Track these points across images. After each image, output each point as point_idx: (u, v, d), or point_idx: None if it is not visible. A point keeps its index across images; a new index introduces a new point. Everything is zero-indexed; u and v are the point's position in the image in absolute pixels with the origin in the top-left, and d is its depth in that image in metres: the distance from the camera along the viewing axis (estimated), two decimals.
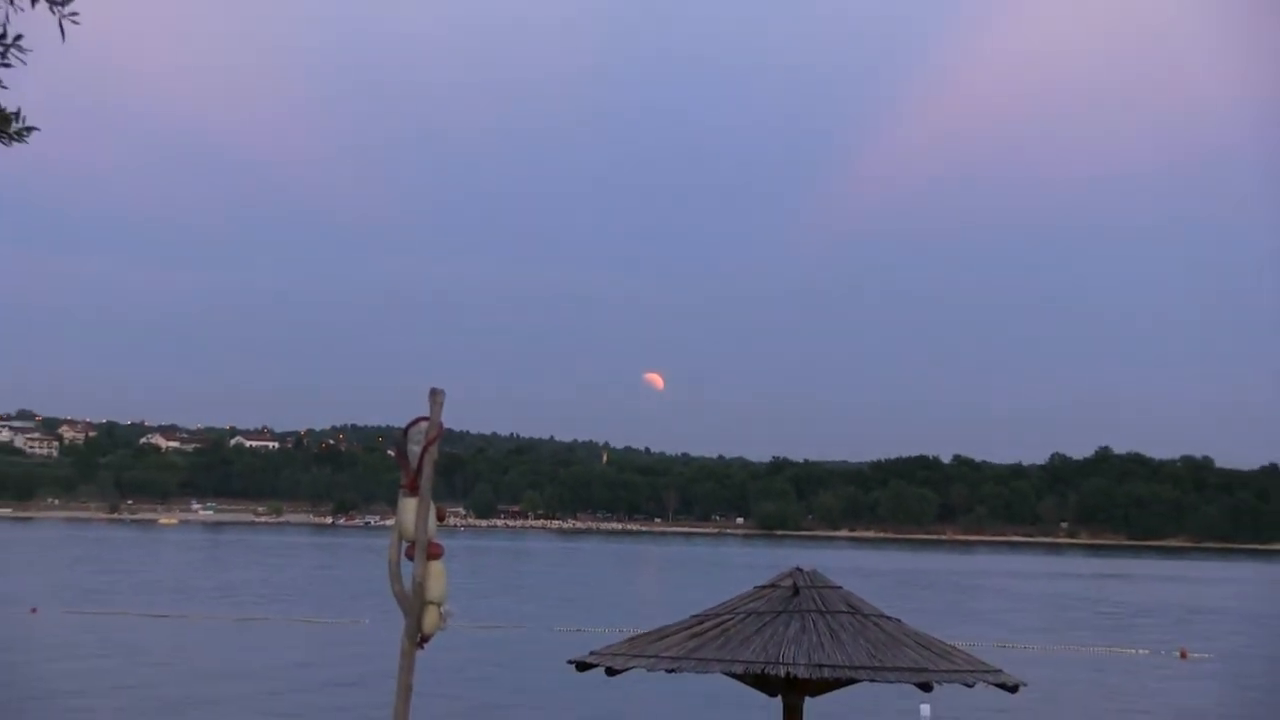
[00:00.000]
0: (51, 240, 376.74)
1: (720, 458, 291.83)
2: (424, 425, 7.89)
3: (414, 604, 7.58)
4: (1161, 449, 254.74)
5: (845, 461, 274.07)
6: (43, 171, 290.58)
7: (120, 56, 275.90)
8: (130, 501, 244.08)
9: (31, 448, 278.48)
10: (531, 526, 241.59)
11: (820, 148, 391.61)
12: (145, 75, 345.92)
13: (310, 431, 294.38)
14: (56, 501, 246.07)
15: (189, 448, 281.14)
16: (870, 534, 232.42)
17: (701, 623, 9.71)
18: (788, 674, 9.04)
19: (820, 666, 9.04)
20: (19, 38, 5.31)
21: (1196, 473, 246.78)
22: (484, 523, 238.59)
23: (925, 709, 30.72)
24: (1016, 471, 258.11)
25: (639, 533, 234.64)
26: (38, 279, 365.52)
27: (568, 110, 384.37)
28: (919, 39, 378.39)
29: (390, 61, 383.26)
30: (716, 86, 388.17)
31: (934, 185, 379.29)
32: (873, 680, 9.26)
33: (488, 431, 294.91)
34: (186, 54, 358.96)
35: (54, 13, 5.28)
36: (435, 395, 7.92)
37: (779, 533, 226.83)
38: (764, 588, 10.06)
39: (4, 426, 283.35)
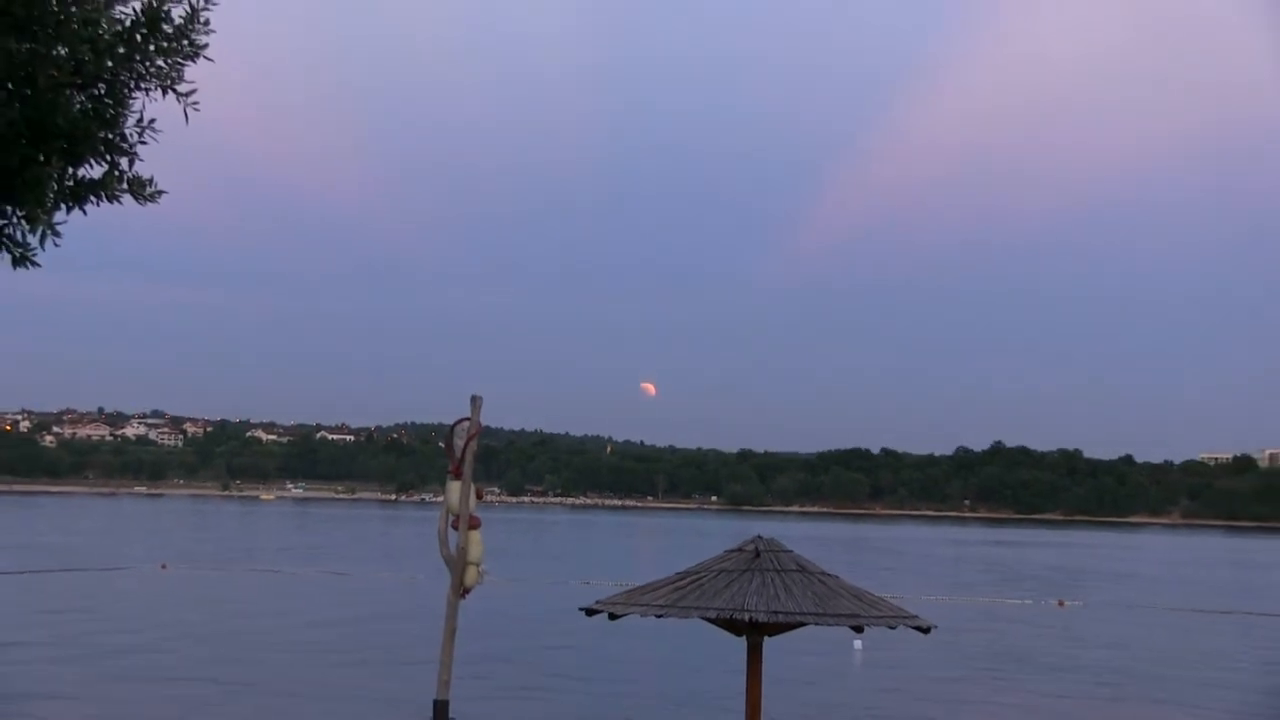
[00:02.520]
0: (177, 277, 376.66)
1: (699, 449, 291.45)
2: (467, 423, 7.89)
3: (458, 563, 7.57)
4: (1042, 443, 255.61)
5: (797, 452, 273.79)
6: (171, 224, 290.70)
7: (228, 131, 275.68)
8: (238, 481, 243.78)
9: (162, 439, 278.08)
10: (551, 503, 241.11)
11: (781, 190, 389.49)
12: (245, 146, 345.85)
13: (379, 427, 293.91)
14: (181, 481, 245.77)
15: (284, 439, 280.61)
16: (816, 509, 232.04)
17: (683, 578, 9.71)
18: (750, 619, 9.04)
19: (776, 613, 9.05)
20: (152, 121, 5.31)
21: (1069, 461, 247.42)
22: (514, 499, 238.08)
23: (858, 644, 30.69)
24: (930, 461, 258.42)
25: (635, 508, 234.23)
26: (167, 307, 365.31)
27: (579, 155, 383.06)
28: (879, 90, 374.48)
29: (443, 137, 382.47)
30: (700, 139, 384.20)
31: (881, 229, 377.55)
32: (817, 624, 9.26)
33: (517, 427, 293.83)
34: (278, 130, 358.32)
35: (179, 101, 5.27)
36: (475, 400, 7.92)
37: (745, 508, 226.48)
38: (732, 551, 10.06)
39: (140, 422, 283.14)
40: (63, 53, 4.78)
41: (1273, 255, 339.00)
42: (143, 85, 5.21)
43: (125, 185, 5.34)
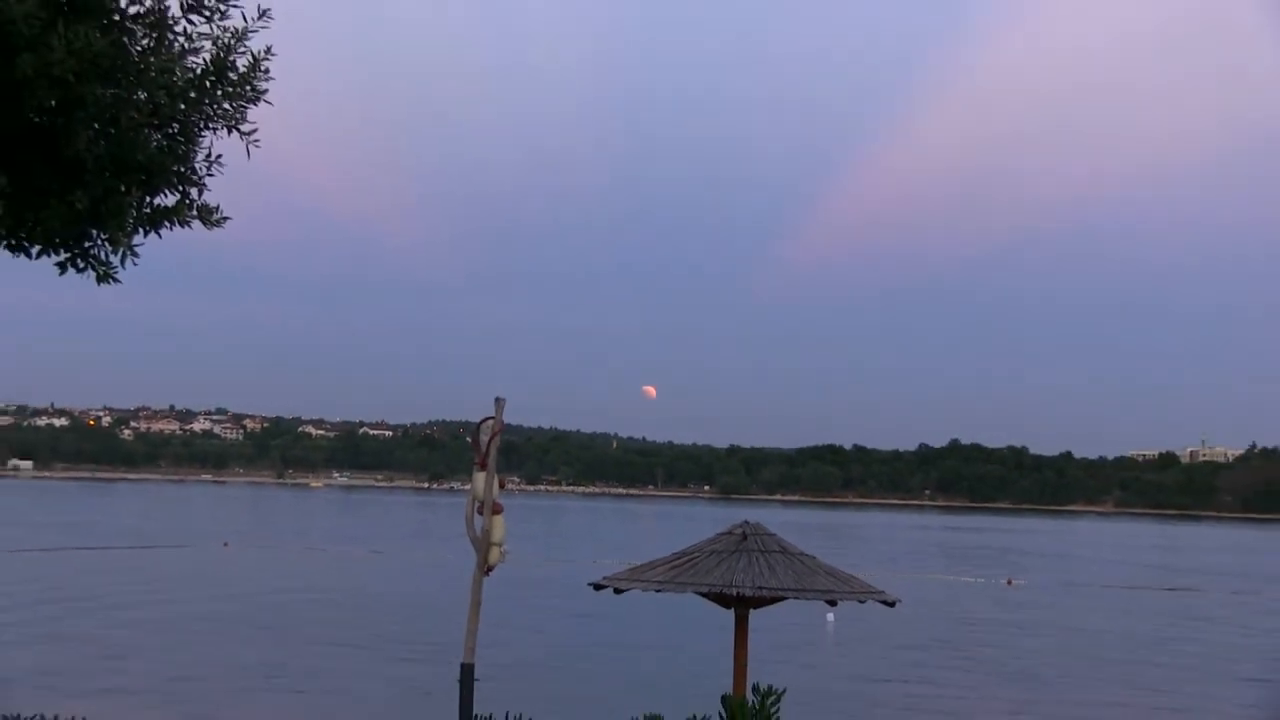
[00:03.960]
0: (239, 291, 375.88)
1: (694, 444, 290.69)
2: (491, 421, 7.89)
3: (483, 544, 7.56)
4: (993, 440, 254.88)
5: (779, 448, 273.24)
6: (232, 244, 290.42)
7: (278, 159, 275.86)
8: (291, 471, 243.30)
9: (225, 433, 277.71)
10: (564, 491, 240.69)
11: (770, 213, 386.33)
12: (290, 171, 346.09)
13: (414, 424, 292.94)
14: (241, 471, 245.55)
15: (331, 434, 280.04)
16: (795, 498, 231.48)
17: (679, 558, 9.69)
18: (738, 593, 9.02)
19: (760, 588, 9.03)
20: (219, 156, 5.33)
21: (1017, 457, 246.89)
22: (531, 488, 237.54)
23: (830, 616, 30.68)
24: (895, 455, 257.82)
25: (638, 496, 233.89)
26: (230, 318, 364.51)
27: (589, 181, 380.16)
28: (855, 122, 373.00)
29: (468, 164, 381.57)
30: (699, 166, 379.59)
31: (856, 249, 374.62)
32: (796, 598, 9.23)
33: (535, 425, 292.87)
34: (322, 159, 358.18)
35: (242, 139, 5.29)
36: (499, 401, 7.91)
37: (733, 497, 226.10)
38: (722, 534, 10.03)
39: (206, 419, 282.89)
40: (142, 97, 4.80)
41: (1197, 273, 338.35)
42: (211, 125, 5.23)
43: (195, 212, 5.35)
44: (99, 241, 5.09)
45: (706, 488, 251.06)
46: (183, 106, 4.99)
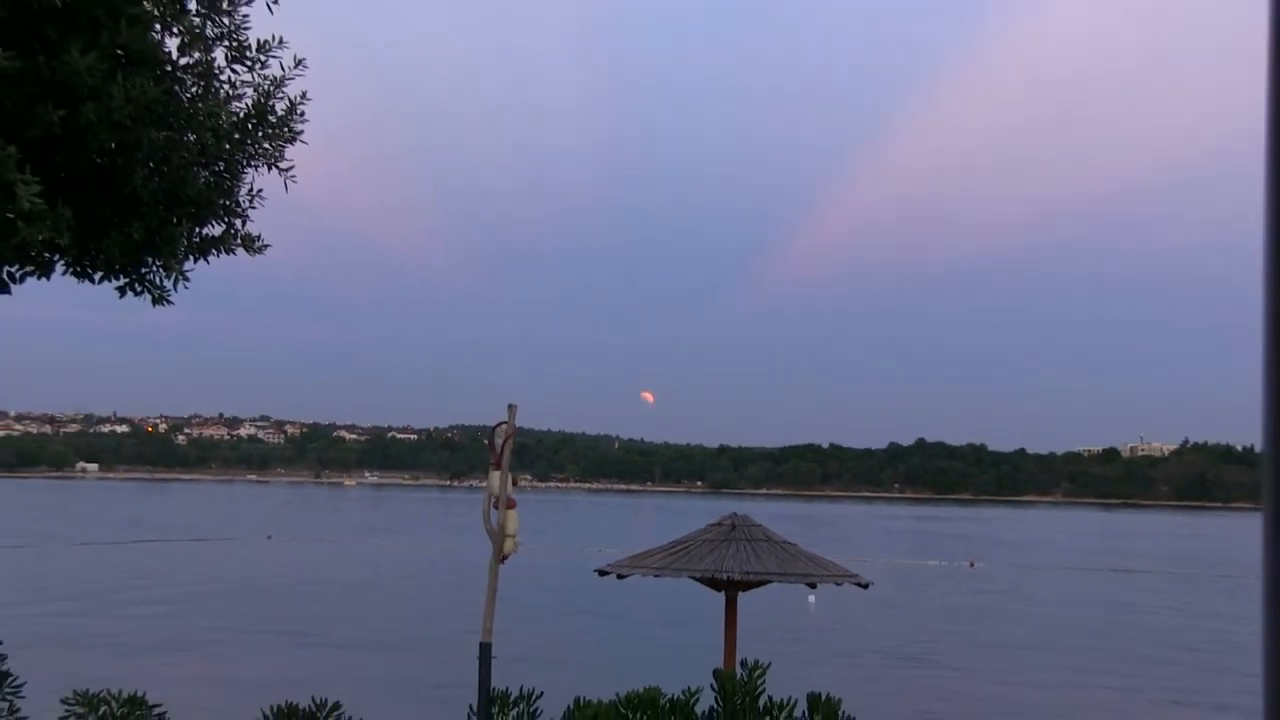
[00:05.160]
0: (282, 311, 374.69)
1: (688, 444, 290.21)
2: (505, 425, 7.88)
3: (498, 536, 7.54)
4: (955, 438, 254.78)
5: (764, 447, 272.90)
6: (277, 270, 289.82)
7: (312, 189, 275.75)
8: (327, 471, 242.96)
9: (268, 438, 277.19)
10: (571, 488, 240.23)
11: (756, 236, 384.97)
12: (318, 198, 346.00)
13: (436, 428, 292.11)
14: (282, 471, 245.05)
15: (362, 438, 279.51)
16: (779, 492, 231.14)
17: (675, 546, 9.68)
18: (728, 577, 9.01)
19: (748, 573, 9.03)
20: (260, 190, 5.34)
21: (976, 453, 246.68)
22: (542, 485, 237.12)
23: (811, 598, 30.59)
24: (868, 453, 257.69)
25: (637, 491, 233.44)
26: (274, 335, 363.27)
27: (590, 207, 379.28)
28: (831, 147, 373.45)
29: (484, 194, 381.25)
30: (692, 198, 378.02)
31: (830, 266, 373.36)
32: (780, 581, 9.23)
33: (544, 428, 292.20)
34: (349, 187, 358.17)
35: (281, 175, 5.31)
36: (512, 408, 7.91)
37: (723, 491, 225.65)
38: (713, 525, 10.03)
39: (251, 425, 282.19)
40: (192, 139, 4.83)
41: (1137, 287, 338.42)
42: (253, 163, 5.25)
43: (239, 241, 5.37)
44: (154, 268, 5.10)
45: (699, 483, 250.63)
46: (228, 147, 5.02)
